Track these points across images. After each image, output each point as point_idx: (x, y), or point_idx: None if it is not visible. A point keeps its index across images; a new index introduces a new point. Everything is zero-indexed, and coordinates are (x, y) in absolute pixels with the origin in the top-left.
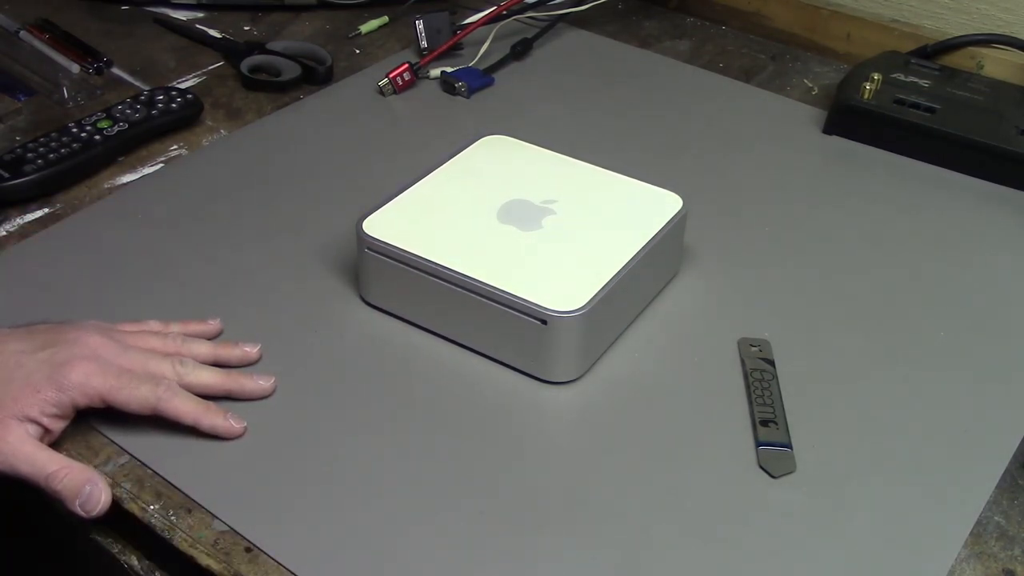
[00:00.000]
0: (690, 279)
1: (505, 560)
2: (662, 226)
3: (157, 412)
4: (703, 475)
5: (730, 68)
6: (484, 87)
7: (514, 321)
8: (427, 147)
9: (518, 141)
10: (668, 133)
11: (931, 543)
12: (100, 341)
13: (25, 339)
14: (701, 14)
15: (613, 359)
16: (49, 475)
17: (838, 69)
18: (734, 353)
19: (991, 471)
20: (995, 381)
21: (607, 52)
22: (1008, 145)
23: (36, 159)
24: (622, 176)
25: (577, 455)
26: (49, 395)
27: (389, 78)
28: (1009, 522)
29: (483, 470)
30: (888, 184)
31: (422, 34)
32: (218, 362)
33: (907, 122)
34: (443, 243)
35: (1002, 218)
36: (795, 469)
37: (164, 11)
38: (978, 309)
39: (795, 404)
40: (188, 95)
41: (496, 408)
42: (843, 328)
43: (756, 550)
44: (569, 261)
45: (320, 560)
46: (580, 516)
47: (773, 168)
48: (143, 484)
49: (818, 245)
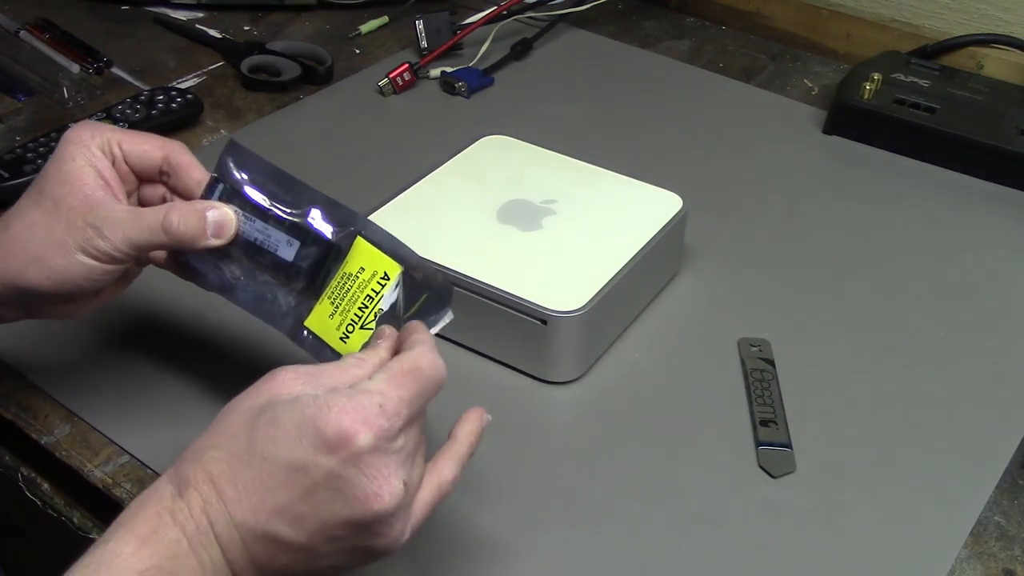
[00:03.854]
0: (690, 279)
1: (505, 560)
2: (662, 226)
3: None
4: (703, 475)
5: (730, 68)
6: (484, 87)
7: (514, 321)
8: (427, 147)
9: (518, 141)
10: (668, 133)
11: (931, 543)
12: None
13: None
14: (701, 14)
15: (613, 359)
16: (164, 228)
17: (838, 69)
18: (734, 353)
19: (991, 471)
20: (995, 381)
21: (607, 52)
22: (1008, 145)
23: (36, 159)
24: (622, 176)
25: (577, 455)
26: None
27: (389, 78)
28: (1009, 522)
29: (483, 470)
30: (888, 184)
31: (422, 34)
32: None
33: (907, 122)
34: (443, 243)
35: (1002, 218)
36: (795, 469)
37: (164, 11)
38: (978, 309)
39: (795, 404)
40: (188, 95)
41: (496, 408)
42: (843, 328)
43: (756, 550)
44: (569, 261)
45: None
46: (580, 516)
47: (773, 168)
48: (143, 484)
49: (818, 245)
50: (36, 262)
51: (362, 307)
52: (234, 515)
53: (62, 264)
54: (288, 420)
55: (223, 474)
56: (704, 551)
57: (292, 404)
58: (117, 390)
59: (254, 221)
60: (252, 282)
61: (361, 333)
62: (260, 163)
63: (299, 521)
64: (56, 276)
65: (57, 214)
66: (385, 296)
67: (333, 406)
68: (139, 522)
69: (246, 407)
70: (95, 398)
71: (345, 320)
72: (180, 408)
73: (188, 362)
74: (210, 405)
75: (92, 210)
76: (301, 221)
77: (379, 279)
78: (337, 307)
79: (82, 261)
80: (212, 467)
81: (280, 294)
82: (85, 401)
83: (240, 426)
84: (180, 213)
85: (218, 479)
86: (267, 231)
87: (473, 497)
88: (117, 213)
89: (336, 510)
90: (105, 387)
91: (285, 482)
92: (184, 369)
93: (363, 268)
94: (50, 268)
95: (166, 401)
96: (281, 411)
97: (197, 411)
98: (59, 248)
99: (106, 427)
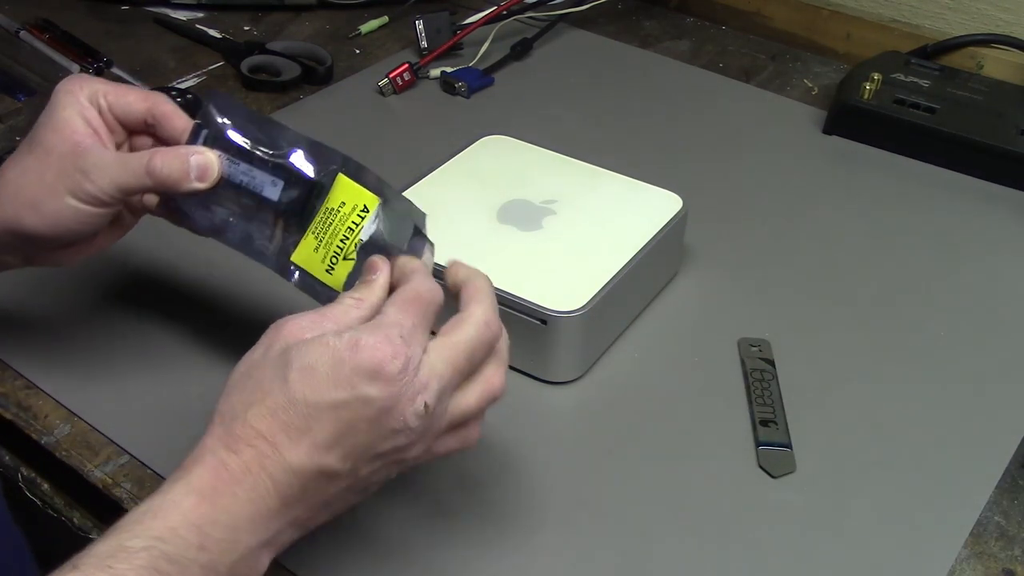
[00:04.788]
0: (690, 279)
1: (505, 559)
2: (662, 226)
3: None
4: (703, 475)
5: (730, 68)
6: (484, 87)
7: (514, 321)
8: (427, 147)
9: (518, 141)
10: (668, 133)
11: (931, 543)
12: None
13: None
14: (701, 14)
15: (613, 359)
16: (147, 172)
17: (838, 69)
18: (734, 353)
19: (991, 471)
20: (995, 381)
21: (607, 52)
22: (1008, 145)
23: None
24: (622, 176)
25: (577, 455)
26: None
27: (389, 78)
28: (1009, 522)
29: (483, 470)
30: (888, 184)
31: (422, 34)
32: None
33: (907, 122)
34: (443, 243)
35: (1002, 218)
36: (795, 469)
37: (164, 11)
38: (978, 309)
39: (795, 404)
40: (188, 95)
41: (496, 408)
42: (843, 328)
43: (756, 550)
44: (569, 261)
45: (318, 559)
46: (580, 516)
47: (773, 168)
48: (143, 484)
49: (818, 245)
50: (30, 207)
51: (343, 239)
52: (291, 462)
53: (54, 208)
54: (322, 364)
55: (272, 427)
56: (704, 551)
57: (320, 348)
58: (117, 390)
59: (238, 164)
60: (241, 223)
61: (345, 264)
62: (242, 109)
63: (348, 451)
64: (49, 220)
65: (48, 160)
66: (365, 227)
67: (362, 342)
68: (194, 477)
69: (267, 360)
70: (95, 398)
71: (328, 252)
72: (180, 408)
73: (188, 362)
74: (210, 405)
75: (81, 156)
76: (284, 162)
77: (359, 211)
78: (321, 241)
79: (72, 205)
80: (259, 424)
81: (268, 233)
82: (85, 401)
83: (271, 381)
84: (163, 157)
85: (269, 433)
86: (251, 173)
87: (473, 497)
88: (104, 159)
89: (380, 433)
90: (105, 387)
91: (332, 419)
92: (184, 369)
93: (344, 203)
94: (43, 213)
95: (166, 401)
96: (311, 357)
97: (197, 411)
98: (51, 193)
99: (106, 427)
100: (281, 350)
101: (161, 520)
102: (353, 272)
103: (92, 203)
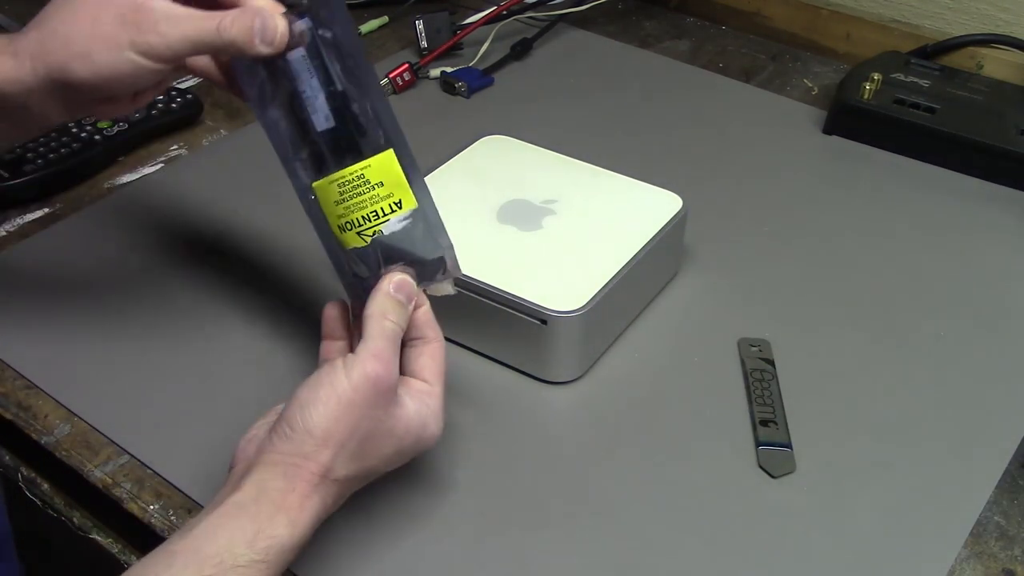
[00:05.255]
0: (690, 279)
1: (505, 559)
2: (662, 226)
3: None
4: (703, 475)
5: (730, 68)
6: (484, 87)
7: (514, 321)
8: (427, 147)
9: (518, 141)
10: (668, 133)
11: (931, 543)
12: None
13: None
14: (701, 14)
15: (613, 359)
16: (218, 28)
17: (838, 69)
18: (734, 353)
19: (991, 471)
20: (995, 381)
21: (607, 52)
22: (1008, 145)
23: (36, 159)
24: (622, 176)
25: (577, 455)
26: None
27: (389, 78)
28: (1009, 522)
29: (483, 469)
30: (888, 184)
31: (422, 34)
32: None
33: (907, 122)
34: None
35: (1002, 218)
36: (795, 469)
37: None
38: (978, 309)
39: (795, 404)
40: (188, 95)
41: (496, 408)
42: (843, 328)
43: (756, 550)
44: (569, 261)
45: (319, 558)
46: (580, 516)
47: (773, 168)
48: (143, 484)
49: (818, 245)
50: (81, 58)
51: (365, 217)
52: (341, 483)
53: (108, 60)
54: (397, 433)
55: (342, 468)
56: (704, 551)
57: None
58: (117, 390)
59: (312, 78)
60: (283, 115)
61: (356, 238)
62: (351, 34)
63: (382, 461)
64: (103, 72)
65: (106, 8)
66: (391, 221)
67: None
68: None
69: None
70: (95, 398)
71: (347, 216)
72: (180, 408)
73: (188, 362)
74: (210, 405)
75: (146, 6)
76: (347, 112)
77: (393, 202)
78: (344, 199)
79: (131, 58)
80: (339, 471)
81: (299, 147)
82: (85, 401)
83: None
84: (235, 16)
85: (341, 476)
86: (316, 95)
87: (472, 497)
88: (175, 10)
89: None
90: (105, 387)
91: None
92: (184, 369)
93: (382, 183)
94: (96, 64)
95: (166, 401)
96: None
97: (197, 411)
98: (108, 44)
99: (106, 427)
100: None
101: None
102: (360, 251)
103: (155, 58)
